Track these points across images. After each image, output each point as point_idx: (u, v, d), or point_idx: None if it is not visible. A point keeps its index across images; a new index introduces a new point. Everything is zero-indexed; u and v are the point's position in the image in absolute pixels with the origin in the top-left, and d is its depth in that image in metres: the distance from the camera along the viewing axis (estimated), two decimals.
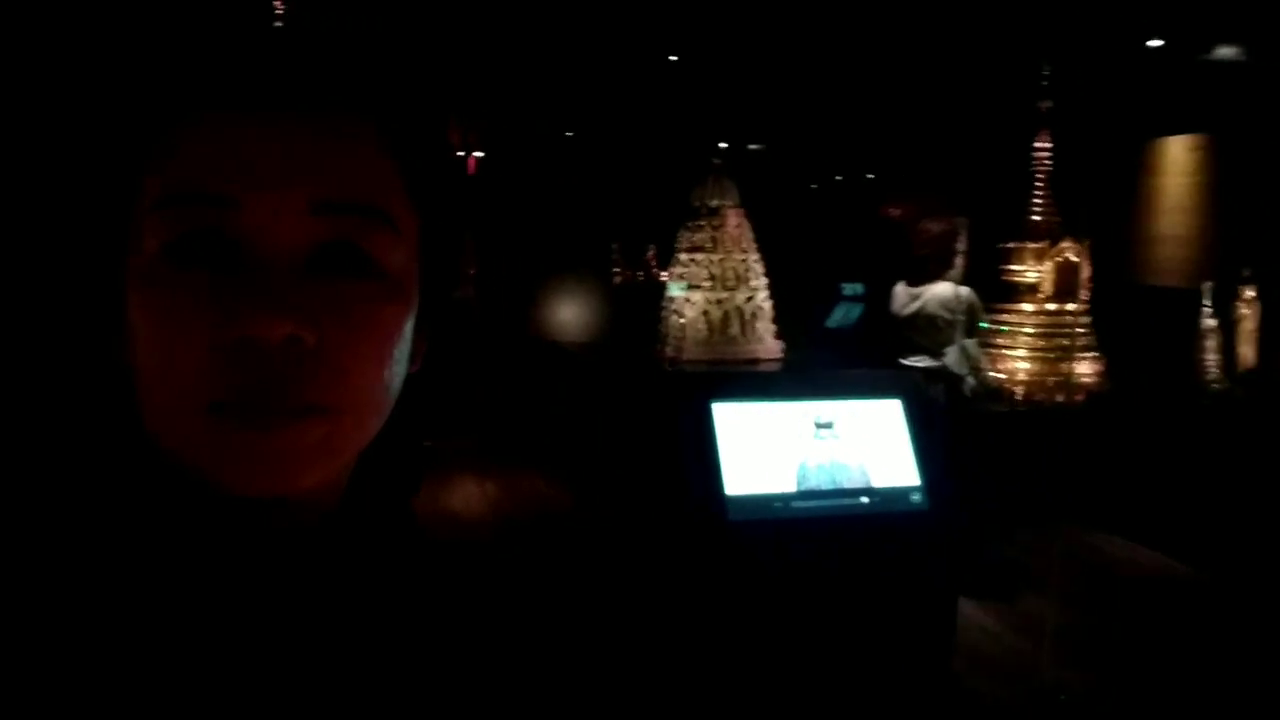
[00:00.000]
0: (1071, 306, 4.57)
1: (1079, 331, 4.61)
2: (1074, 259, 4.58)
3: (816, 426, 2.78)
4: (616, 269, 8.92)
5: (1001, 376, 4.59)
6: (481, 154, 9.36)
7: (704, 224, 3.77)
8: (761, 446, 2.73)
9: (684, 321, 3.67)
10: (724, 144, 7.56)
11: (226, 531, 0.48)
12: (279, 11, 3.36)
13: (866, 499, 2.76)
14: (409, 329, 0.52)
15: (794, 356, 3.71)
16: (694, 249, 3.76)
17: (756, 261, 3.76)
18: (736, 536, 2.64)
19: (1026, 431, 4.06)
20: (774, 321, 3.81)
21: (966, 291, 4.12)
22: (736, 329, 3.64)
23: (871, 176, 10.80)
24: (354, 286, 0.48)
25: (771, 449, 2.74)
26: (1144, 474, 4.36)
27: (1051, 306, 4.69)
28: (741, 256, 3.72)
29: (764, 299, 3.75)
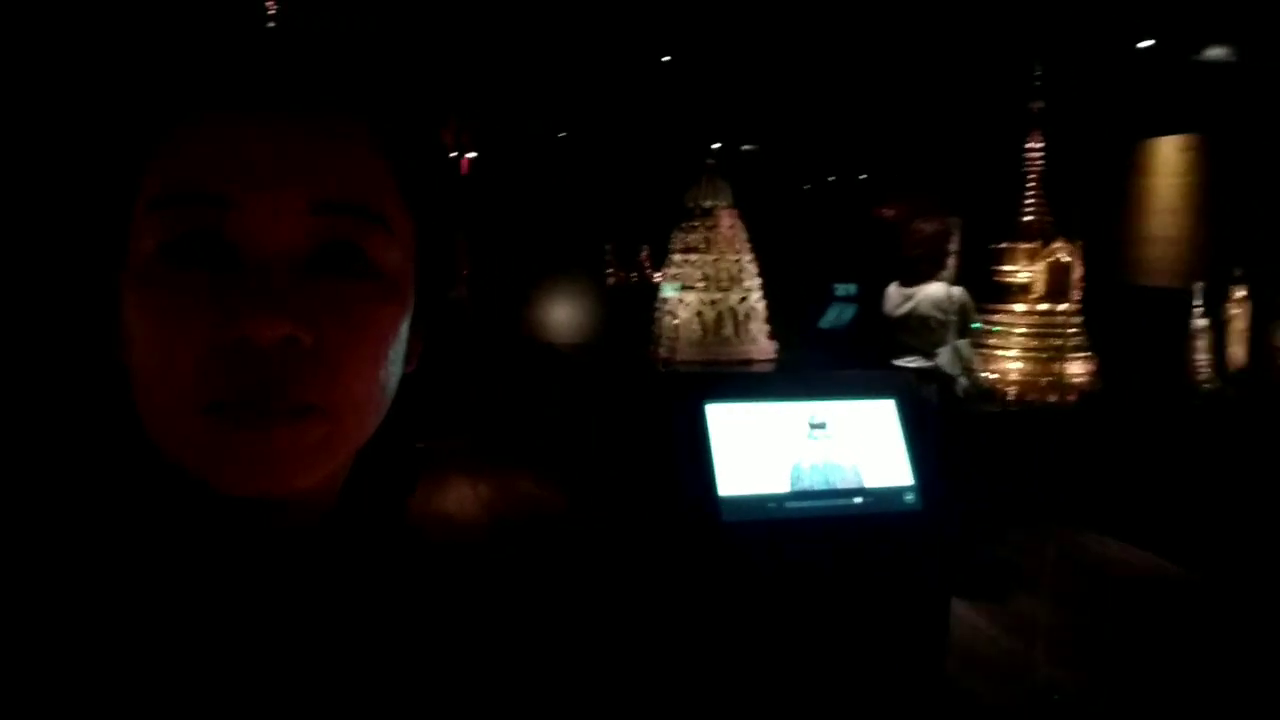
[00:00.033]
0: (1063, 307, 4.58)
1: (1071, 332, 4.62)
2: (1066, 259, 4.59)
3: (810, 427, 2.78)
4: (610, 270, 8.92)
5: (994, 377, 4.60)
6: (475, 154, 9.35)
7: (698, 225, 3.77)
8: (755, 447, 2.73)
9: (678, 322, 3.67)
10: (717, 144, 7.57)
11: (224, 531, 0.48)
12: (271, 12, 3.36)
13: (860, 499, 2.76)
14: (405, 329, 0.52)
15: (787, 357, 3.71)
16: (688, 250, 3.76)
17: (750, 262, 3.76)
18: (730, 537, 2.64)
19: (1019, 432, 4.07)
20: (767, 322, 3.81)
21: (959, 292, 4.13)
22: (730, 330, 3.65)
23: (864, 177, 10.82)
24: (351, 287, 0.48)
25: (765, 449, 2.74)
26: (1136, 474, 4.37)
27: (1043, 307, 4.70)
28: (735, 257, 3.73)
29: (757, 300, 3.75)
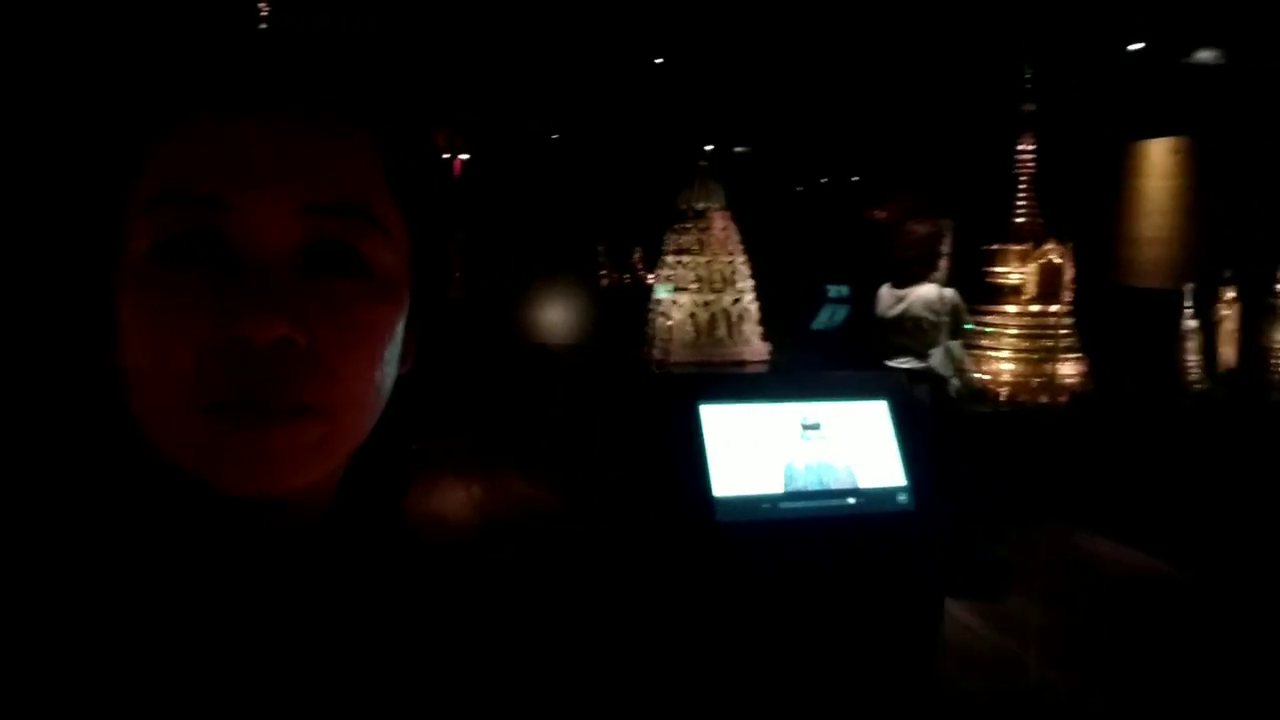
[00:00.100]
0: (1055, 308, 4.61)
1: (1062, 333, 4.64)
2: (1057, 261, 4.62)
3: (803, 428, 2.79)
4: (603, 271, 8.91)
5: (986, 377, 4.62)
6: (467, 156, 9.35)
7: (690, 226, 3.78)
8: (749, 448, 2.74)
9: (671, 324, 3.67)
10: (710, 146, 7.58)
11: (221, 531, 0.48)
12: (264, 13, 3.35)
13: (853, 500, 2.77)
14: (400, 329, 0.52)
15: (780, 358, 3.72)
16: (681, 251, 3.77)
17: (743, 264, 3.77)
18: (725, 538, 2.65)
19: (1011, 432, 4.09)
20: (760, 323, 3.82)
21: (951, 293, 4.14)
22: (723, 331, 3.65)
23: (856, 179, 10.84)
24: (345, 287, 0.48)
25: (759, 450, 2.75)
26: (1127, 473, 4.39)
27: (1035, 308, 4.72)
28: (728, 259, 3.73)
29: (750, 301, 3.76)
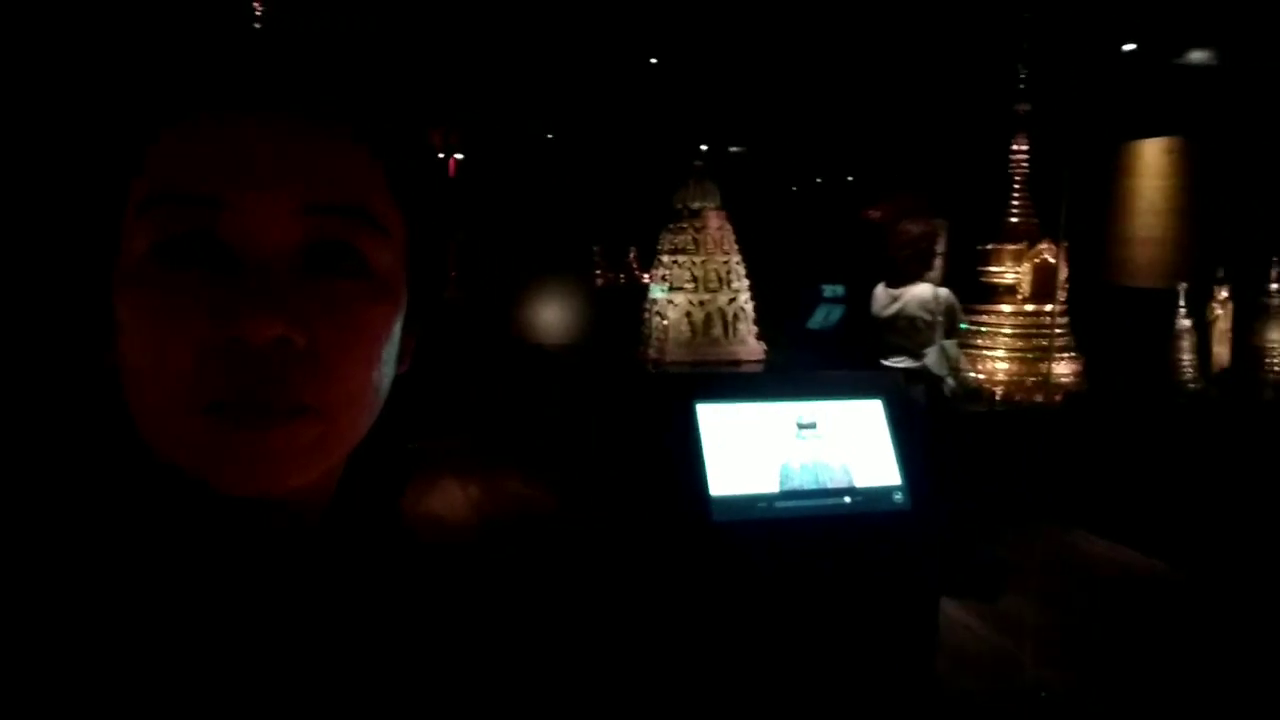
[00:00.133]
0: (1049, 307, 4.62)
1: (1057, 332, 4.66)
2: (1051, 260, 4.63)
3: (799, 427, 2.79)
4: (598, 271, 8.92)
5: (981, 377, 4.63)
6: (461, 156, 9.34)
7: (686, 226, 3.78)
8: (745, 447, 2.74)
9: (666, 323, 3.68)
10: (705, 146, 7.58)
11: (219, 531, 0.48)
12: (258, 12, 3.35)
13: (849, 499, 2.77)
14: (398, 329, 0.52)
15: (776, 358, 3.72)
16: (676, 251, 3.77)
17: (738, 263, 3.77)
18: (721, 537, 2.65)
19: (1006, 431, 4.10)
20: (755, 323, 3.83)
21: (945, 293, 4.15)
22: (719, 330, 3.66)
23: (851, 179, 10.86)
24: (343, 287, 0.48)
25: (755, 449, 2.75)
26: (1122, 473, 4.40)
27: (1030, 307, 4.74)
28: (724, 258, 3.73)
29: (746, 301, 3.76)
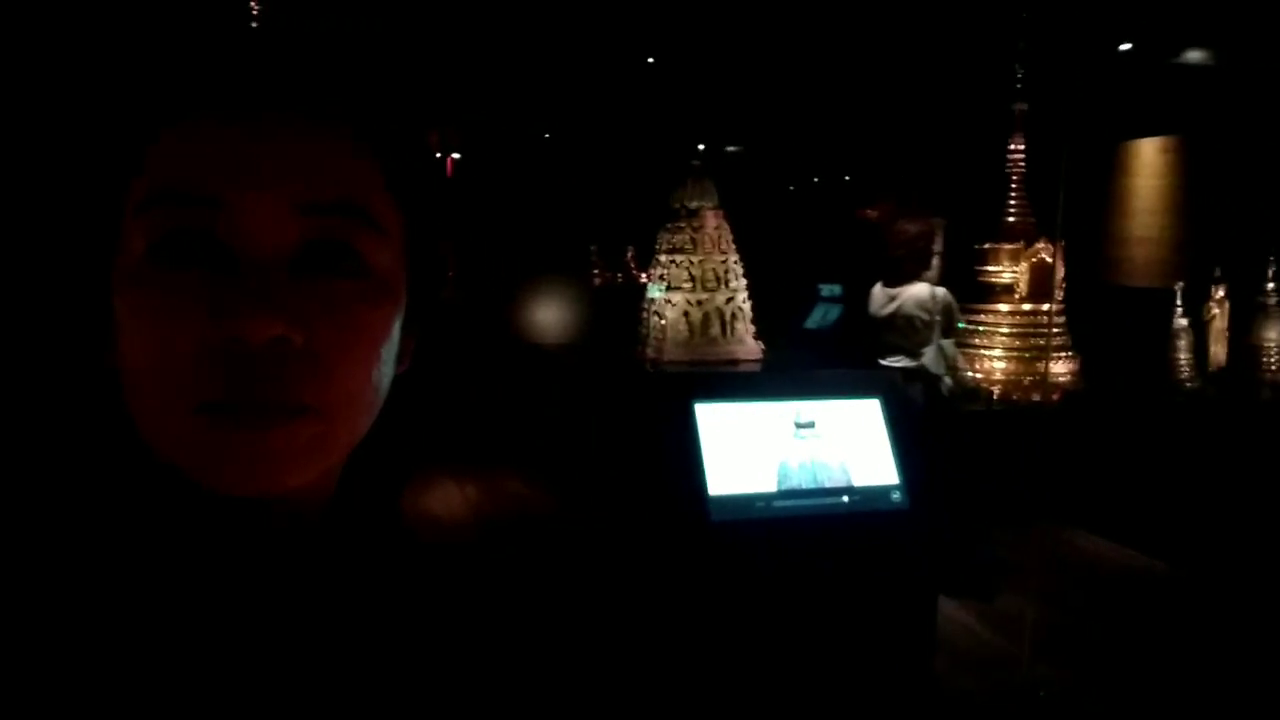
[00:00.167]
0: (1046, 307, 4.63)
1: (1054, 331, 4.67)
2: (1049, 260, 4.64)
3: (797, 426, 2.79)
4: (596, 271, 8.92)
5: (978, 376, 4.64)
6: (458, 155, 9.33)
7: (683, 225, 3.78)
8: (743, 446, 2.74)
9: (664, 323, 3.68)
10: (702, 145, 7.59)
11: (218, 531, 0.48)
12: (255, 11, 3.34)
13: (847, 498, 2.77)
14: (397, 329, 0.52)
15: (773, 357, 3.72)
16: (674, 250, 3.77)
17: (736, 263, 3.78)
18: (719, 536, 2.65)
19: (1003, 430, 4.10)
20: (753, 322, 3.83)
21: (943, 292, 4.15)
22: (717, 330, 3.66)
23: (849, 178, 10.87)
24: (342, 286, 0.48)
25: (753, 449, 2.75)
26: (1119, 471, 4.41)
27: (1027, 307, 4.74)
28: (721, 258, 3.74)
29: (744, 300, 3.76)
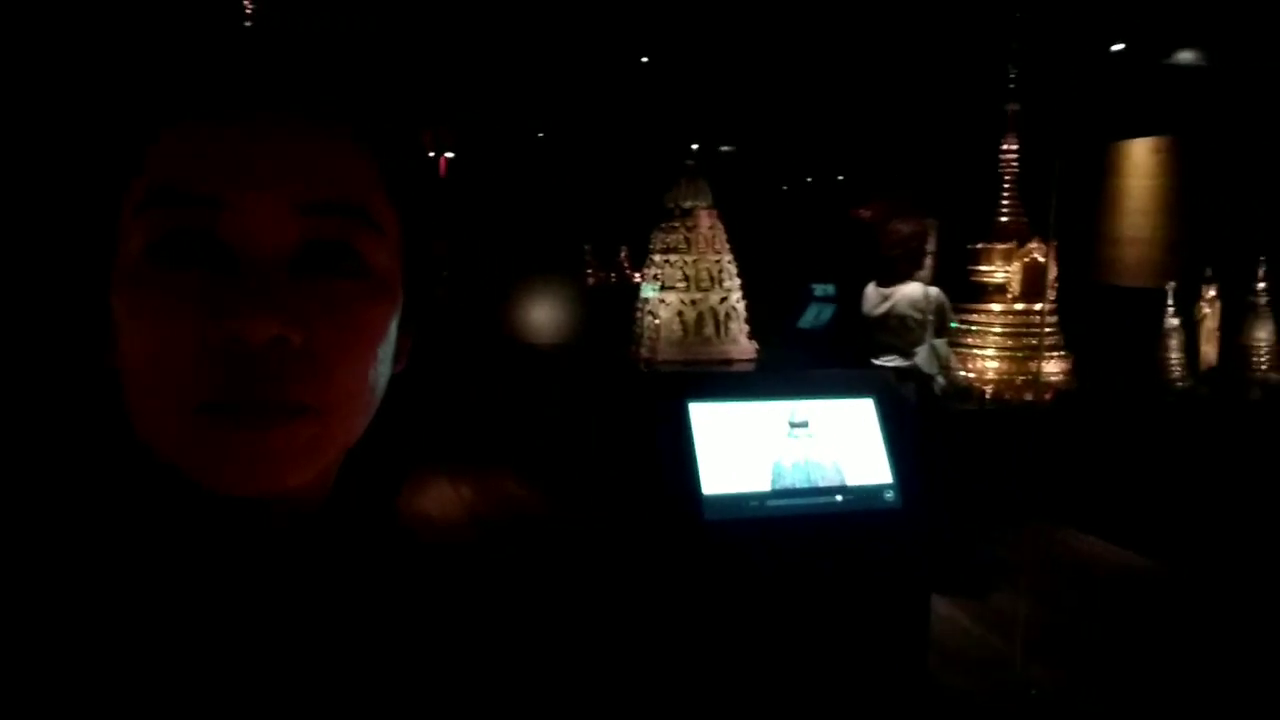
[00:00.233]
0: (1039, 306, 4.64)
1: (1046, 331, 4.68)
2: (1041, 259, 4.65)
3: (791, 426, 2.79)
4: (590, 270, 8.91)
5: (971, 375, 4.65)
6: (452, 155, 9.31)
7: (677, 225, 3.78)
8: (737, 446, 2.74)
9: (658, 322, 3.68)
10: (696, 145, 7.59)
11: (216, 530, 0.48)
12: (249, 11, 3.33)
13: (840, 497, 2.78)
14: (394, 328, 0.52)
15: (767, 357, 3.73)
16: (668, 250, 3.77)
17: (730, 262, 3.78)
18: (713, 536, 2.65)
19: (996, 429, 4.11)
20: (746, 322, 3.83)
21: (935, 292, 4.17)
22: (711, 329, 3.67)
23: (842, 178, 10.89)
24: (340, 286, 0.48)
25: (747, 448, 2.75)
26: (1111, 471, 4.43)
27: (1019, 306, 4.75)
28: (715, 258, 3.74)
29: (737, 300, 3.77)
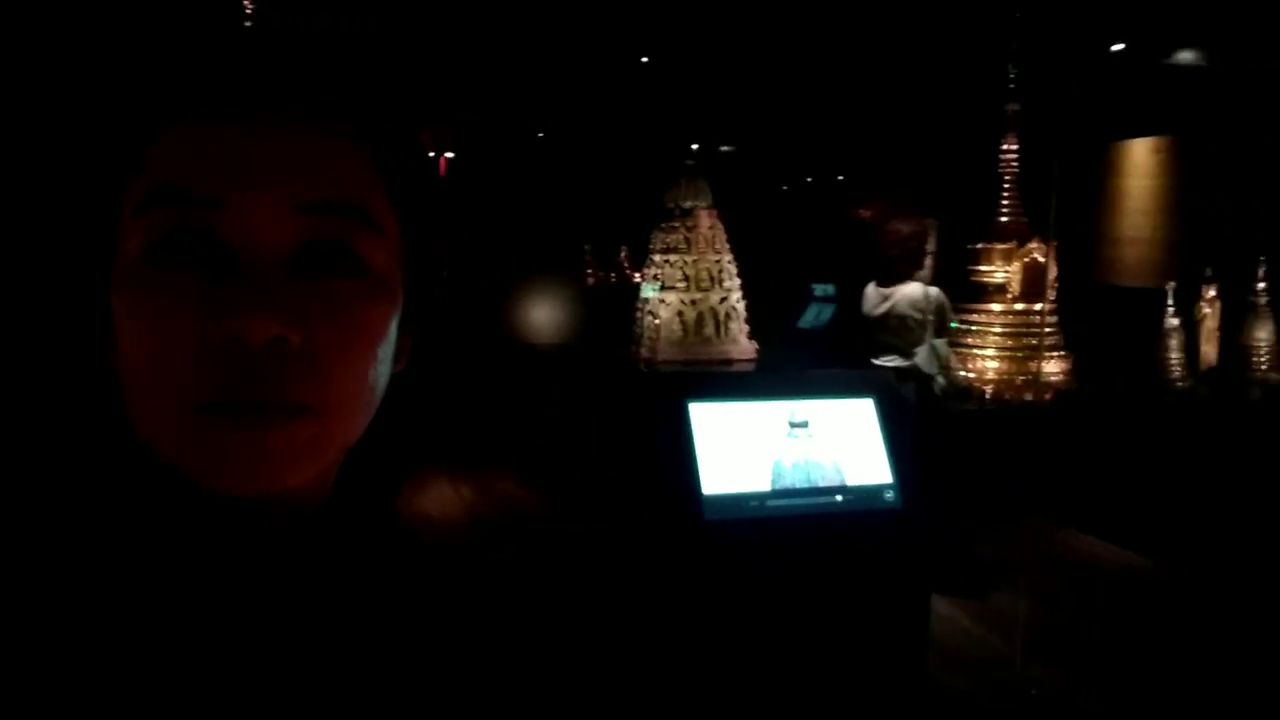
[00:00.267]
0: (1039, 306, 4.64)
1: (1046, 331, 4.67)
2: (1041, 259, 4.64)
3: (791, 426, 2.79)
4: (590, 270, 8.91)
5: (971, 375, 4.65)
6: (452, 155, 9.31)
7: (677, 225, 3.79)
8: (737, 446, 2.74)
9: (658, 322, 3.68)
10: (696, 145, 7.59)
11: (216, 530, 0.48)
12: (248, 10, 3.33)
13: (840, 497, 2.78)
14: (394, 328, 0.52)
15: (767, 357, 3.73)
16: (668, 250, 3.77)
17: (730, 262, 3.78)
18: (713, 536, 2.65)
19: (996, 429, 4.12)
20: (746, 322, 3.83)
21: (935, 292, 4.17)
22: (711, 329, 3.67)
23: (842, 178, 10.89)
24: (340, 286, 0.48)
25: (747, 448, 2.75)
26: (1110, 470, 4.43)
27: (1019, 306, 4.75)
28: (715, 257, 3.74)
29: (737, 300, 3.77)
